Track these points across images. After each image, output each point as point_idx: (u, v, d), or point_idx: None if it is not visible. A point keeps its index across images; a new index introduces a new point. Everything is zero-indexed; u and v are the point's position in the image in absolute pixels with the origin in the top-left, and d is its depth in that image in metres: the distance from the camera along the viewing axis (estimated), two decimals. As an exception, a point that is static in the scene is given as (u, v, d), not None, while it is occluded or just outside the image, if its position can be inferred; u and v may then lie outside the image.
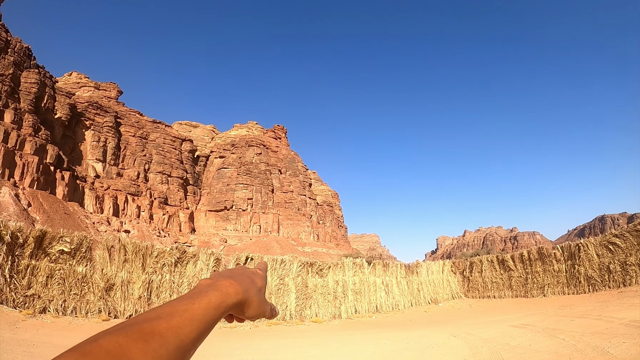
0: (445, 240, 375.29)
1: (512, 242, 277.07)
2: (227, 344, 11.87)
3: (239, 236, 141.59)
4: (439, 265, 27.03)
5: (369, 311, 19.81)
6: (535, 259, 24.58)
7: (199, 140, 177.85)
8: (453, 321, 16.44)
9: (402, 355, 9.74)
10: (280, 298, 16.84)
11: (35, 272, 13.77)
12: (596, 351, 8.24)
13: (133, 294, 14.93)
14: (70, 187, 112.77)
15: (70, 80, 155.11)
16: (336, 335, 13.95)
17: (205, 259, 15.76)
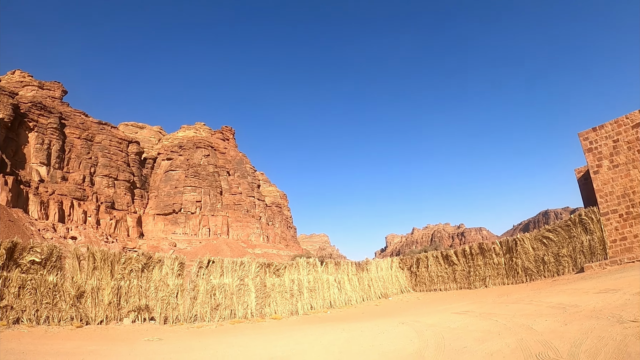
0: (394, 238, 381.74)
1: (459, 238, 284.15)
2: (198, 341, 12.83)
3: (189, 240, 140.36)
4: (388, 262, 28.61)
5: (324, 307, 21.12)
6: (476, 253, 26.51)
7: (145, 141, 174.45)
8: (402, 312, 17.91)
9: (358, 340, 11.02)
10: (241, 298, 17.80)
11: (7, 283, 14.02)
12: (522, 328, 9.72)
13: (103, 300, 15.44)
14: (13, 192, 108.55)
15: (13, 79, 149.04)
16: (296, 329, 15.07)
17: (170, 264, 16.50)
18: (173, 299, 16.43)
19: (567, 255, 23.20)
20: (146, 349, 11.59)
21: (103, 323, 15.29)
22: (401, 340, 10.36)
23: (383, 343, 10.30)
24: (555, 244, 23.62)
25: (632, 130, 21.19)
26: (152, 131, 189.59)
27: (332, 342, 11.16)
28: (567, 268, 23.09)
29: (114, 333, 14.23)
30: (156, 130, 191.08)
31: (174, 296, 16.44)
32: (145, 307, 16.04)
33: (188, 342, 12.72)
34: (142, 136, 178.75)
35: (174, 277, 16.54)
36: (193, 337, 13.83)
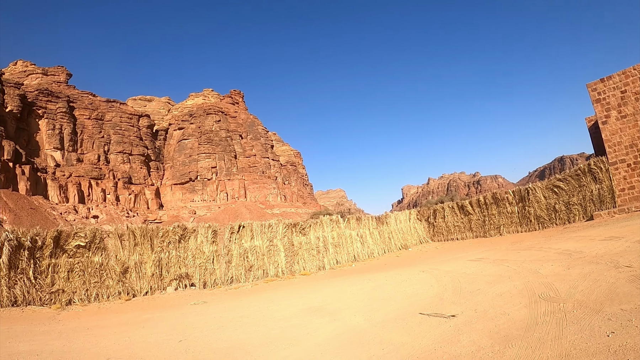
0: (410, 189, 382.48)
1: (475, 186, 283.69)
2: (239, 300, 14.20)
3: (207, 206, 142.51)
4: (406, 214, 29.77)
5: (348, 261, 22.44)
6: (490, 203, 27.53)
7: (155, 114, 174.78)
8: (421, 261, 19.06)
9: (383, 288, 12.30)
10: (271, 258, 19.15)
11: (57, 269, 15.16)
12: (529, 272, 10.89)
13: (146, 273, 16.71)
14: (32, 180, 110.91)
15: (16, 70, 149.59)
16: (326, 282, 16.36)
17: (204, 232, 17.77)
18: (210, 265, 17.73)
19: (577, 203, 24.12)
20: (195, 311, 12.78)
21: (148, 294, 16.53)
22: (422, 286, 11.62)
23: (406, 289, 11.57)
24: (566, 192, 24.51)
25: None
26: (161, 102, 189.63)
27: (361, 291, 12.48)
28: (578, 216, 24.04)
29: (160, 301, 15.47)
30: (165, 102, 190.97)
31: (210, 262, 17.74)
32: (185, 274, 17.33)
33: (230, 302, 13.98)
34: (151, 109, 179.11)
35: (208, 244, 17.79)
36: (233, 297, 15.10)
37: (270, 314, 10.71)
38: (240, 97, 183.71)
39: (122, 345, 8.72)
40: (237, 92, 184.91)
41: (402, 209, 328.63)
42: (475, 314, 7.68)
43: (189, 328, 9.97)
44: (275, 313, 10.81)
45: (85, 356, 8.07)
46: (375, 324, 8.11)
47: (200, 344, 8.23)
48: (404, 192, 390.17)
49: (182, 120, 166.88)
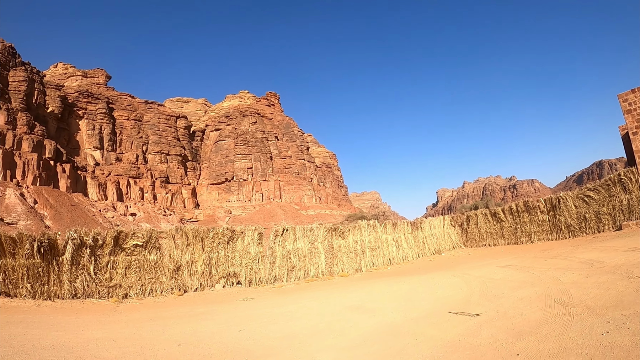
0: (445, 192, 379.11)
1: (511, 190, 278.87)
2: (284, 297, 15.55)
3: (243, 206, 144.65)
4: (440, 220, 30.71)
5: (384, 264, 23.60)
6: (522, 210, 28.23)
7: (192, 115, 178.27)
8: (453, 266, 20.01)
9: (417, 290, 13.56)
10: (312, 259, 20.47)
11: (115, 265, 16.54)
12: (551, 279, 11.99)
13: (197, 271, 18.11)
14: (72, 178, 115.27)
15: (57, 72, 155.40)
16: (363, 283, 17.51)
17: (251, 235, 19.21)
18: (255, 265, 19.10)
19: (607, 213, 24.59)
20: (245, 307, 14.07)
21: (198, 290, 17.89)
22: (453, 289, 12.83)
23: (438, 291, 12.82)
24: (596, 202, 25.01)
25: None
26: (198, 104, 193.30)
27: (397, 292, 13.76)
28: (607, 225, 24.50)
29: (210, 297, 16.84)
30: (201, 103, 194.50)
31: (255, 262, 19.10)
32: (233, 273, 18.77)
33: (276, 299, 15.31)
34: (188, 110, 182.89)
35: (254, 245, 19.17)
36: (278, 295, 16.41)
37: (315, 310, 12.04)
38: (276, 99, 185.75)
39: (188, 334, 10.02)
40: (272, 94, 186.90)
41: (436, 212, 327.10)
42: (496, 314, 8.89)
43: (245, 320, 11.27)
44: (320, 309, 12.14)
45: (158, 342, 9.34)
46: (410, 320, 9.41)
47: (257, 334, 9.55)
48: (439, 196, 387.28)
49: (219, 121, 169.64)
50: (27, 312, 13.45)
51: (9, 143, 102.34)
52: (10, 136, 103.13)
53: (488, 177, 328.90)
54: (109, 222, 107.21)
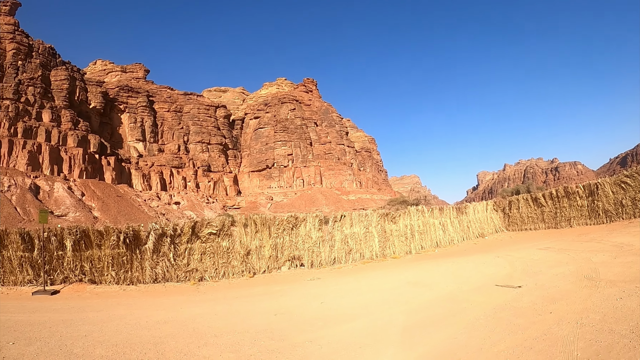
0: (485, 175, 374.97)
1: (553, 173, 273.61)
2: (346, 277, 17.50)
3: (284, 192, 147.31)
4: (483, 205, 32.06)
5: (432, 247, 25.23)
6: (562, 196, 29.31)
7: (230, 104, 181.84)
8: (496, 249, 21.60)
9: (465, 269, 15.53)
10: (367, 243, 22.33)
11: (192, 252, 18.35)
12: (584, 260, 13.91)
13: (265, 255, 20.00)
14: (116, 170, 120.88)
15: (97, 69, 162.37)
16: (415, 264, 19.36)
17: (312, 221, 21.13)
18: (316, 248, 21.03)
19: (643, 199, 25.82)
20: (315, 285, 15.75)
21: (266, 272, 19.75)
22: (497, 267, 14.81)
23: (484, 269, 14.81)
24: (633, 188, 26.00)
25: None
26: (235, 93, 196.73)
27: (448, 270, 15.76)
28: (643, 211, 25.74)
29: (279, 278, 18.54)
30: (239, 92, 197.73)
31: (316, 246, 21.03)
32: (297, 256, 20.77)
33: (340, 278, 17.23)
34: (226, 99, 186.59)
35: (315, 231, 21.09)
36: (340, 275, 18.33)
37: (379, 286, 14.08)
38: (313, 85, 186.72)
39: (277, 307, 11.88)
40: (310, 80, 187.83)
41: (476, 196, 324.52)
42: (535, 286, 10.91)
43: (321, 295, 13.19)
44: (383, 285, 14.20)
45: (255, 314, 11.18)
46: (463, 291, 11.50)
47: (336, 305, 11.56)
48: (479, 179, 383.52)
49: (258, 109, 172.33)
50: (117, 296, 15.10)
51: (55, 139, 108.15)
52: (55, 133, 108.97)
53: (529, 160, 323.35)
54: (154, 211, 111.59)
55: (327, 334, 8.63)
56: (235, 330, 9.36)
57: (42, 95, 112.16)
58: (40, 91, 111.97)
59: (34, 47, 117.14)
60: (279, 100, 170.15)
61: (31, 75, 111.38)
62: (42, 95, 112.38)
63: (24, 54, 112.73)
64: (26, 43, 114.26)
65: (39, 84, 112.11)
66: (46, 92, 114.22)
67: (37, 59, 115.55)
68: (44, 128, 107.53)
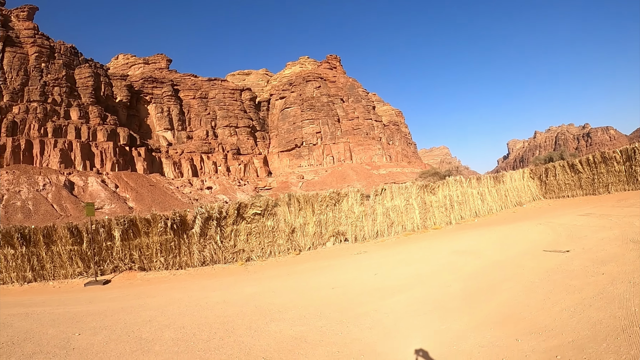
0: (516, 144, 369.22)
1: (585, 139, 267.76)
2: (391, 249, 17.94)
3: (315, 170, 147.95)
4: (520, 173, 31.96)
5: (471, 217, 25.48)
6: (599, 161, 29.06)
7: (254, 86, 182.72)
8: (536, 216, 21.81)
9: (509, 236, 15.97)
10: (408, 215, 22.72)
11: (237, 233, 18.82)
12: (627, 224, 14.27)
13: (309, 232, 20.46)
14: (147, 160, 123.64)
15: (119, 63, 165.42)
16: (458, 234, 19.68)
17: (354, 196, 21.55)
18: (359, 222, 21.48)
19: (681, 163, 25.54)
20: (363, 258, 16.05)
21: (311, 249, 20.20)
22: (541, 234, 15.21)
23: (528, 236, 15.24)
24: (671, 152, 25.74)
25: None
26: (259, 75, 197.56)
27: (491, 238, 16.20)
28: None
29: (325, 254, 18.74)
30: (262, 74, 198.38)
31: (359, 220, 21.48)
32: (340, 232, 21.25)
33: (385, 251, 17.62)
34: (250, 82, 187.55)
35: (357, 205, 21.53)
36: (384, 247, 18.74)
37: (427, 257, 14.56)
38: (337, 62, 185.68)
39: (331, 280, 12.34)
40: (333, 56, 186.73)
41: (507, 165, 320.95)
42: (583, 250, 11.34)
43: (372, 268, 13.65)
44: (430, 255, 14.67)
45: (311, 288, 11.63)
46: (511, 257, 11.98)
47: (388, 276, 12.06)
48: (510, 147, 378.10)
49: (283, 89, 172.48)
50: (169, 281, 15.50)
51: (85, 135, 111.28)
52: (84, 129, 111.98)
53: (560, 126, 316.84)
54: (187, 197, 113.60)
55: (388, 304, 9.10)
56: (297, 305, 9.74)
57: (68, 94, 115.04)
58: (66, 90, 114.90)
59: (55, 48, 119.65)
60: (303, 79, 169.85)
61: (55, 75, 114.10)
62: (69, 94, 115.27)
63: (46, 56, 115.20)
64: (47, 45, 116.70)
65: (64, 84, 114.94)
66: (72, 90, 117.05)
67: (59, 60, 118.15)
68: (73, 126, 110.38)
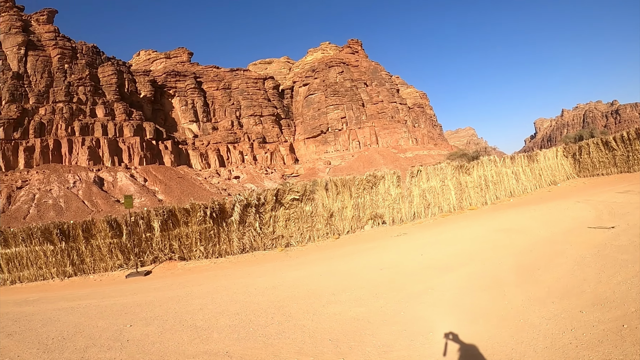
0: (543, 122, 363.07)
1: (613, 116, 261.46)
2: (430, 230, 18.18)
3: (341, 155, 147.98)
4: (553, 151, 31.58)
5: (506, 196, 25.45)
6: (634, 138, 28.60)
7: (276, 74, 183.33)
8: (573, 194, 21.79)
9: (551, 214, 16.13)
10: (444, 196, 22.89)
11: (276, 219, 19.07)
12: (668, 198, 14.33)
13: (347, 216, 20.70)
14: (174, 153, 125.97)
15: (141, 59, 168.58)
16: (495, 213, 19.76)
17: (390, 178, 21.63)
18: (396, 205, 21.65)
19: None
20: (403, 240, 16.31)
21: (349, 232, 20.43)
22: (582, 212, 15.37)
23: (570, 214, 15.40)
24: None
25: None
26: (281, 63, 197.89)
27: (533, 216, 16.38)
28: None
29: (364, 237, 18.96)
30: (284, 62, 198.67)
31: (396, 202, 21.65)
32: (378, 214, 21.45)
33: (425, 232, 17.74)
34: (272, 71, 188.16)
35: (394, 188, 21.68)
36: (424, 229, 18.86)
37: (471, 235, 14.75)
38: (359, 46, 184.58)
39: (379, 262, 12.44)
40: (355, 41, 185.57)
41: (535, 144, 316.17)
42: (627, 226, 11.53)
43: (416, 248, 13.88)
44: (474, 234, 14.85)
45: (360, 270, 11.79)
46: (557, 234, 12.22)
47: (435, 256, 12.17)
48: (537, 126, 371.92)
49: (306, 76, 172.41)
50: (210, 269, 15.69)
51: (112, 132, 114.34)
52: (111, 126, 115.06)
53: (588, 103, 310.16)
54: (216, 187, 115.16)
55: (443, 281, 9.34)
56: (349, 287, 9.86)
57: (92, 92, 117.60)
58: (91, 89, 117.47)
59: (77, 49, 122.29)
60: (325, 64, 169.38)
61: (79, 75, 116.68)
62: (93, 92, 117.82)
63: (69, 57, 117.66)
64: (69, 46, 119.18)
65: (88, 83, 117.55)
66: (96, 89, 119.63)
67: (82, 60, 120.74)
68: (100, 123, 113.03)
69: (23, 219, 76.24)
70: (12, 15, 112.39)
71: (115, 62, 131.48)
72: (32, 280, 17.61)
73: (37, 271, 17.70)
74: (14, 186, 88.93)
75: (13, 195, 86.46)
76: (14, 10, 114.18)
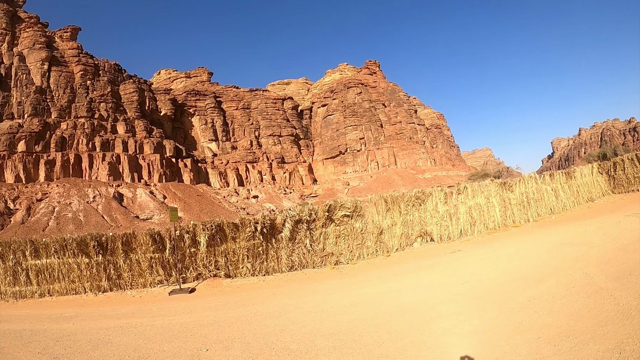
0: (560, 142, 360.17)
1: (631, 134, 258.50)
2: (486, 246, 18.38)
3: (360, 176, 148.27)
4: (589, 168, 31.58)
5: (547, 213, 25.67)
6: None
7: (295, 95, 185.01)
8: (616, 210, 21.96)
9: (606, 228, 16.40)
10: (489, 213, 23.15)
11: (327, 236, 18.84)
12: None
13: (397, 233, 20.68)
14: (194, 171, 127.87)
15: (161, 78, 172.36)
16: (543, 229, 19.96)
17: (437, 195, 21.95)
18: (444, 222, 21.81)
19: None
20: (460, 256, 16.16)
21: (399, 250, 20.35)
22: (635, 224, 15.80)
23: (625, 227, 15.78)
24: None
25: None
26: (299, 84, 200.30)
27: (587, 231, 16.61)
28: None
29: (415, 254, 18.73)
30: (302, 82, 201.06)
31: (444, 219, 21.83)
32: (426, 232, 21.53)
33: (479, 248, 17.70)
34: (290, 91, 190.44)
35: (441, 205, 21.90)
36: (475, 246, 18.85)
37: (534, 249, 14.89)
38: (376, 67, 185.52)
39: (455, 275, 12.60)
40: (372, 62, 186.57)
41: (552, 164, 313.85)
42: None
43: (483, 261, 14.12)
44: (537, 248, 14.98)
45: (436, 283, 11.89)
46: (625, 245, 12.68)
47: (507, 269, 12.44)
48: (554, 146, 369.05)
49: (324, 97, 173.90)
50: (262, 287, 15.17)
51: (132, 149, 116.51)
52: (131, 142, 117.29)
53: (605, 121, 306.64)
54: (235, 206, 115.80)
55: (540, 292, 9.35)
56: (442, 301, 9.65)
57: (114, 109, 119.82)
58: (112, 106, 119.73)
59: (99, 66, 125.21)
60: (344, 85, 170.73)
61: (101, 92, 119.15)
62: (114, 109, 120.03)
63: (91, 74, 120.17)
64: (92, 63, 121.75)
65: (110, 99, 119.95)
66: (117, 106, 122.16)
67: (104, 77, 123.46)
68: (120, 139, 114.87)
69: (42, 230, 77.40)
70: (36, 31, 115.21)
71: (136, 80, 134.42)
72: (63, 294, 17.22)
73: (69, 285, 17.30)
74: (34, 198, 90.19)
75: (33, 207, 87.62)
76: (39, 27, 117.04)
